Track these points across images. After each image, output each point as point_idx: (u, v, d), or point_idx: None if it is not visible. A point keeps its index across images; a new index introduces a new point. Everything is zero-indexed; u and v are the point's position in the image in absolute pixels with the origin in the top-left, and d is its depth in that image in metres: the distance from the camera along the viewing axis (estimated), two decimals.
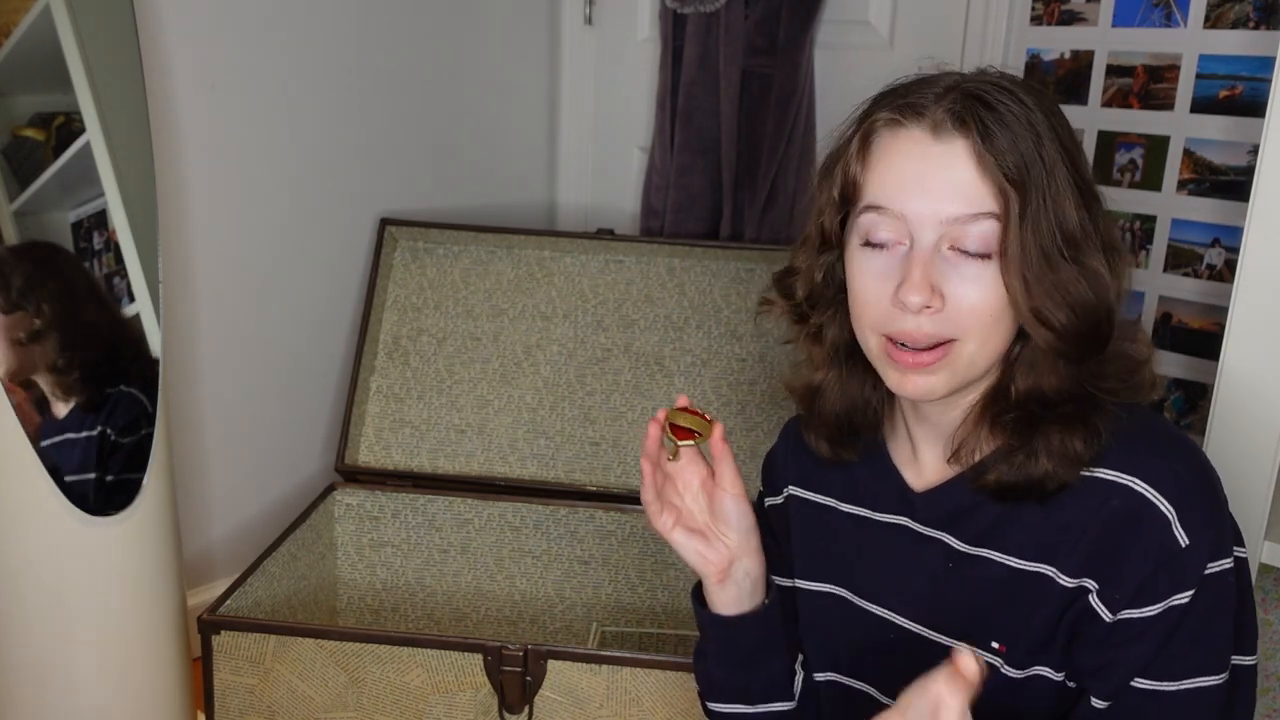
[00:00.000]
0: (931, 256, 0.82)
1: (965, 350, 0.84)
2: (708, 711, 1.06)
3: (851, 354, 0.93)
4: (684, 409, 0.96)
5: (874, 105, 0.87)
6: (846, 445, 0.98)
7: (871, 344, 0.87)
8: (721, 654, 1.01)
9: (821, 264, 0.91)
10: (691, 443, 0.94)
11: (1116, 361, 0.87)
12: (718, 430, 0.94)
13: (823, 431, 0.98)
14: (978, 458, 0.90)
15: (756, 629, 0.98)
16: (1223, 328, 1.27)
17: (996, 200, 0.81)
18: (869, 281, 0.85)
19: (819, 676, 1.03)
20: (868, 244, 0.85)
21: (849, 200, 0.87)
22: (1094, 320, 0.84)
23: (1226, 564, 0.84)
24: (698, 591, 1.01)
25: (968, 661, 0.73)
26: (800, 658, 1.05)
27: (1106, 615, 0.84)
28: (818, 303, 0.93)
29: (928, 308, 0.82)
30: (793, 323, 0.96)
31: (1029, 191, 0.81)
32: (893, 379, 0.87)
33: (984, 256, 0.82)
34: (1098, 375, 0.86)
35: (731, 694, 1.02)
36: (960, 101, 0.82)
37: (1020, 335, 0.87)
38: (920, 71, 0.88)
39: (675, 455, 0.95)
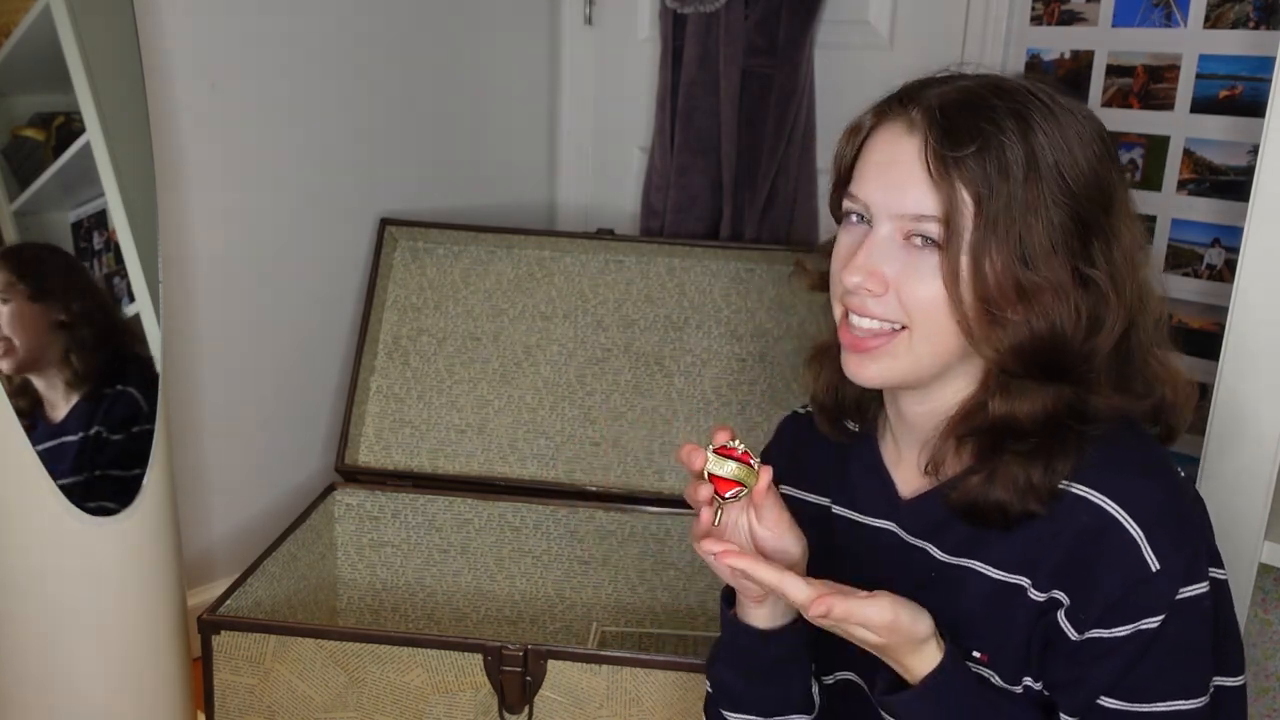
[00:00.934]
0: (883, 243, 0.85)
1: (912, 339, 0.85)
2: (714, 715, 1.04)
3: None
4: (724, 452, 0.87)
5: (882, 96, 0.90)
6: (842, 426, 1.01)
7: (836, 315, 0.91)
8: (742, 664, 0.99)
9: None
10: (737, 497, 0.86)
11: (1109, 395, 0.86)
12: (764, 479, 0.86)
13: (827, 403, 1.00)
14: (952, 473, 0.90)
15: (784, 645, 0.96)
16: (1223, 328, 1.27)
17: (944, 206, 0.81)
18: (837, 254, 0.89)
19: (827, 679, 1.03)
20: (847, 221, 0.89)
21: (840, 181, 0.92)
22: (1040, 344, 0.83)
23: (1201, 588, 0.84)
24: (728, 593, 0.98)
25: None
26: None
27: (1073, 634, 0.85)
28: None
29: (868, 290, 0.85)
30: (818, 289, 0.98)
31: (987, 202, 0.81)
32: (843, 359, 0.90)
33: (933, 250, 0.83)
34: (1083, 402, 0.86)
35: (749, 705, 1.00)
36: (943, 103, 0.83)
37: None
38: (958, 67, 0.89)
39: (719, 513, 0.88)
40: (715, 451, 0.87)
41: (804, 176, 2.06)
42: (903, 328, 0.85)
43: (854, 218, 0.88)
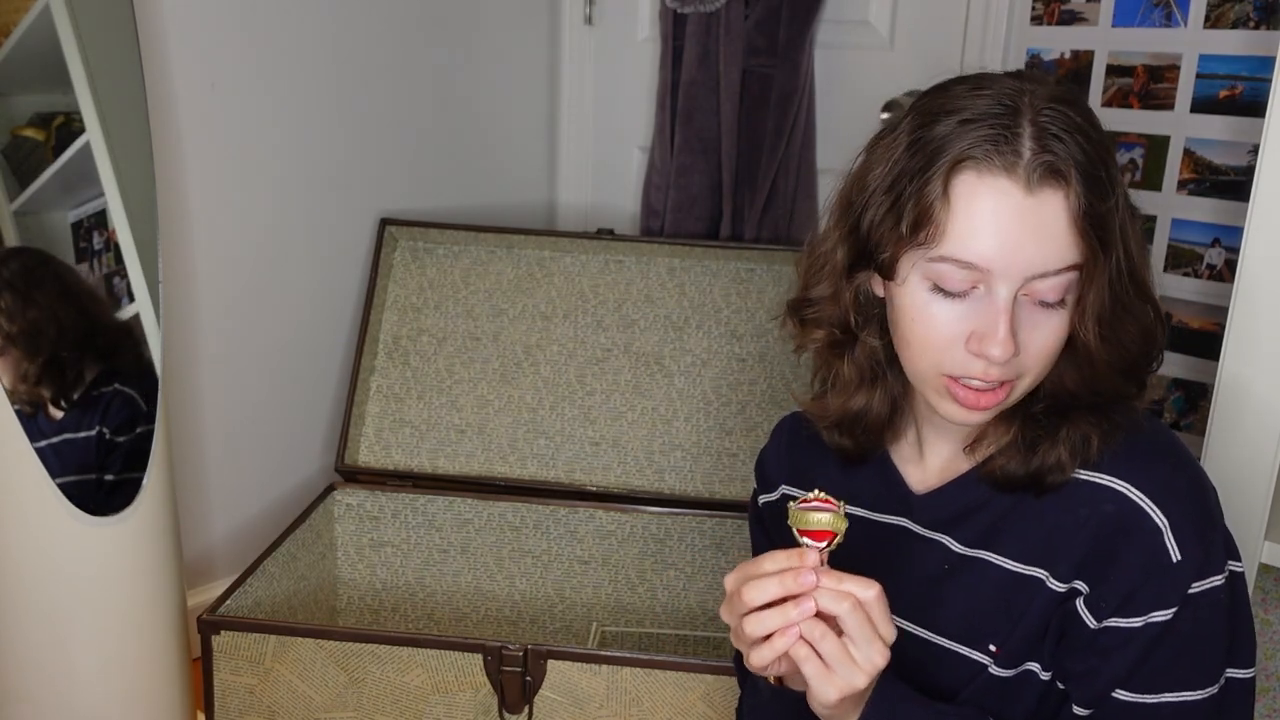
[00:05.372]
0: (1015, 309, 0.80)
1: (1023, 385, 0.85)
2: None
3: (889, 364, 0.93)
4: (807, 505, 0.80)
5: (939, 126, 0.80)
6: (871, 445, 0.98)
7: (929, 377, 0.85)
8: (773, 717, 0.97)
9: (854, 284, 0.89)
10: (832, 545, 0.79)
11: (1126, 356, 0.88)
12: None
13: (847, 444, 0.98)
14: (992, 450, 0.90)
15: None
16: (1223, 328, 1.27)
17: (1082, 252, 0.80)
18: (940, 326, 0.82)
19: None
20: (938, 289, 0.82)
21: (920, 233, 0.80)
22: (1149, 347, 0.85)
23: (1216, 581, 0.84)
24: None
25: None
26: None
27: (1091, 622, 0.85)
28: (864, 325, 0.91)
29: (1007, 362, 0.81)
30: (821, 349, 0.94)
31: (1109, 237, 0.80)
32: (946, 409, 0.86)
33: (1058, 304, 0.81)
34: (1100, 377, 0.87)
35: None
36: (1048, 146, 0.78)
37: None
38: (988, 69, 0.86)
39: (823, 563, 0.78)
40: (798, 507, 0.80)
41: (804, 176, 2.06)
42: (1016, 378, 0.84)
43: (955, 288, 0.80)
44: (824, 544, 0.79)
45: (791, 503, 0.80)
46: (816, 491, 0.81)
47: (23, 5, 1.35)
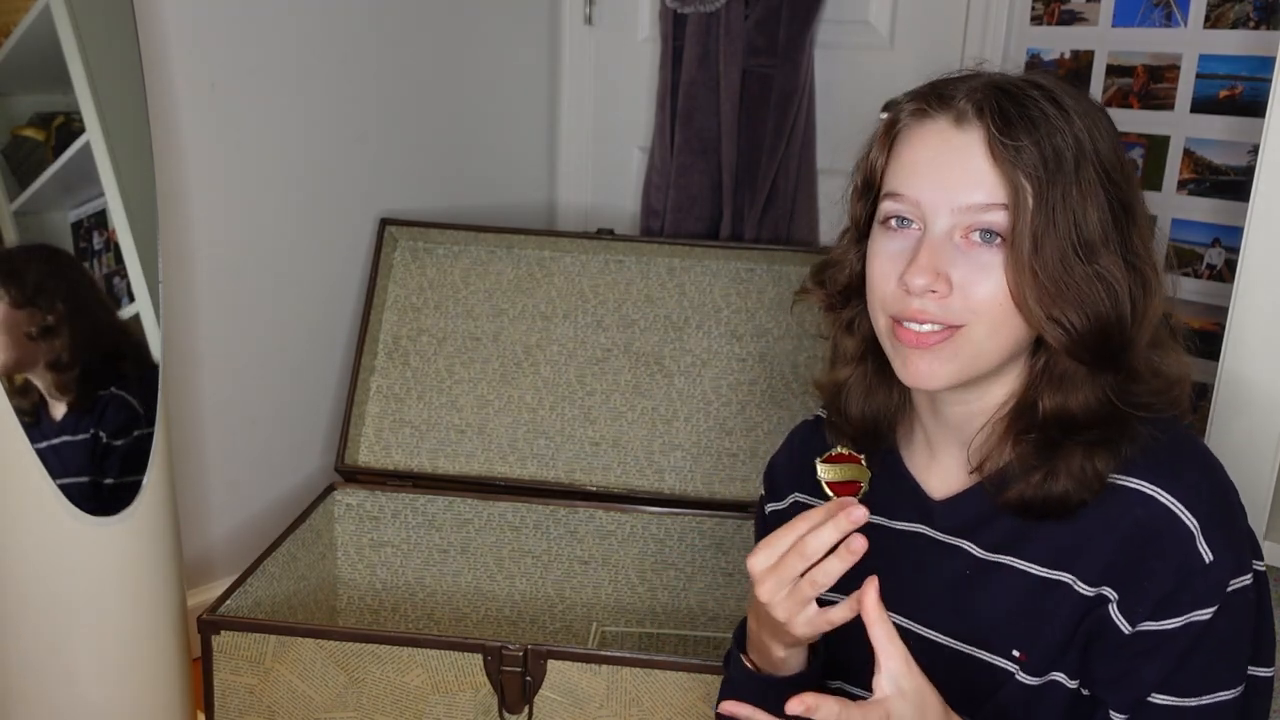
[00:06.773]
0: (942, 242, 0.83)
1: (973, 335, 0.84)
2: None
3: (879, 350, 0.93)
4: (831, 459, 0.86)
5: (907, 97, 0.89)
6: (870, 451, 0.98)
7: (881, 324, 0.88)
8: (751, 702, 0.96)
9: (859, 253, 0.92)
10: (859, 495, 0.84)
11: (1149, 380, 0.87)
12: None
13: (847, 430, 0.98)
14: (993, 469, 0.90)
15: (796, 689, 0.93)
16: (1223, 328, 1.27)
17: (1009, 192, 0.81)
18: (882, 262, 0.87)
19: (830, 684, 1.03)
20: (885, 226, 0.87)
21: (871, 187, 0.90)
22: (1103, 327, 0.83)
23: (1247, 580, 0.84)
24: (740, 634, 0.97)
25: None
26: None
27: (1125, 627, 0.84)
28: (853, 294, 0.94)
29: (932, 292, 0.83)
30: (826, 311, 0.97)
31: (1046, 188, 0.81)
32: (898, 362, 0.87)
33: (995, 246, 0.82)
34: (1127, 391, 0.86)
35: None
36: (986, 93, 0.83)
37: (1044, 346, 0.86)
38: (963, 69, 0.89)
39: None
40: (825, 460, 0.86)
41: (804, 177, 2.06)
42: (958, 325, 0.84)
43: (894, 222, 0.86)
44: (855, 495, 0.84)
45: (818, 459, 0.86)
46: (838, 448, 0.87)
47: (23, 5, 1.35)
